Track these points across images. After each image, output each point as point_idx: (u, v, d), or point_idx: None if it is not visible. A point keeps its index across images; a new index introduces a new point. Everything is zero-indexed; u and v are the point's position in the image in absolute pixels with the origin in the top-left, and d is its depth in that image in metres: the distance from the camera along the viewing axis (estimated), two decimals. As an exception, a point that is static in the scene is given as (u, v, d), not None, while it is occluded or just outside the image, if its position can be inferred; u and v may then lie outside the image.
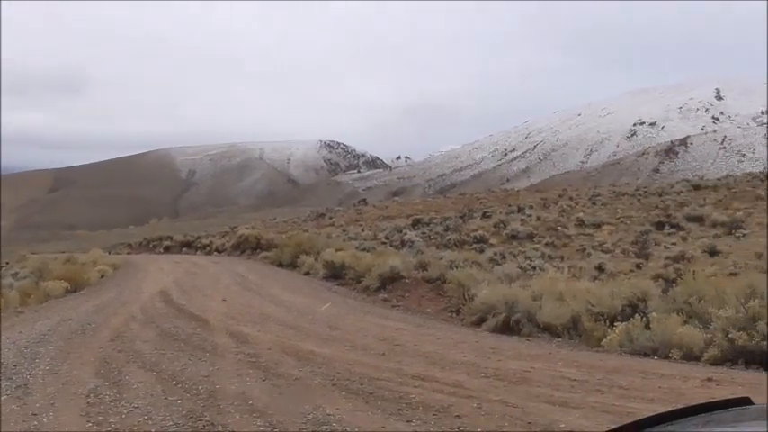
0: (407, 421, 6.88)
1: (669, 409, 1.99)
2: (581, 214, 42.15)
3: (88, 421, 7.06)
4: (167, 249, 47.36)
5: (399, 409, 7.25)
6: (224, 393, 7.98)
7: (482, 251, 30.15)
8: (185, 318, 14.10)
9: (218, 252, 39.41)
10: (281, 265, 27.64)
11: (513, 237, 36.62)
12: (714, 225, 36.27)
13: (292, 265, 26.49)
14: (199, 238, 48.28)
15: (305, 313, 14.95)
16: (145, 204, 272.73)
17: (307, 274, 24.36)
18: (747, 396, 2.02)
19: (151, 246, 52.22)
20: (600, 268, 25.69)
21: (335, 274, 22.26)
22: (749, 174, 69.32)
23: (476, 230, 38.11)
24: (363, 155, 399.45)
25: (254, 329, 12.56)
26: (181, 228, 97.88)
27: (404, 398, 7.68)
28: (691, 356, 10.05)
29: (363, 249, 28.63)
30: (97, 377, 8.91)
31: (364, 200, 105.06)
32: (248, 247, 35.74)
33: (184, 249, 45.60)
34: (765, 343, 9.47)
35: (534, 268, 23.25)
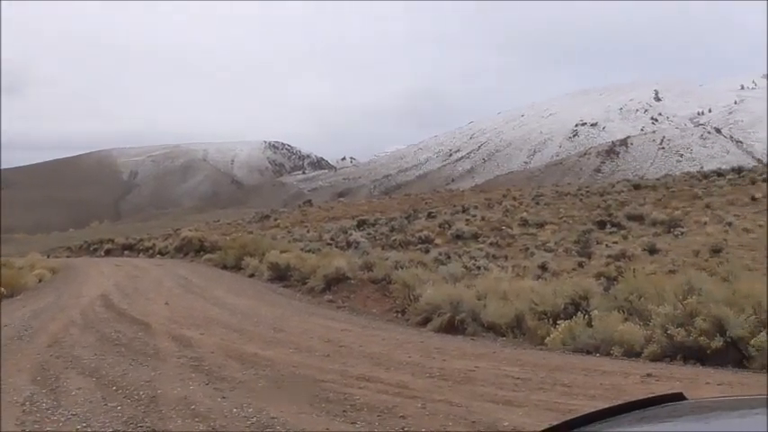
0: (352, 423, 6.86)
1: (606, 406, 2.00)
2: (524, 214, 42.60)
3: (24, 430, 6.88)
4: (108, 252, 46.54)
5: (344, 411, 7.23)
6: (166, 398, 7.85)
7: (427, 251, 30.29)
8: (127, 322, 13.85)
9: (161, 255, 38.87)
10: (225, 267, 27.36)
11: (458, 237, 36.84)
12: (654, 224, 36.96)
13: (237, 268, 26.23)
14: (141, 240, 47.59)
15: (249, 316, 14.82)
16: (85, 206, 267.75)
17: (251, 276, 24.15)
18: (680, 392, 2.05)
19: (92, 249, 51.28)
20: (543, 267, 25.96)
21: (281, 275, 22.12)
22: (687, 173, 71.04)
23: (421, 231, 38.27)
24: (308, 156, 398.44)
25: (198, 333, 12.40)
26: (122, 230, 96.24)
27: (348, 399, 7.66)
28: (631, 353, 10.22)
29: (308, 251, 28.51)
30: (34, 384, 8.70)
31: (309, 201, 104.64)
32: (192, 249, 35.30)
33: (126, 252, 44.88)
34: (703, 338, 9.68)
35: (479, 268, 23.41)
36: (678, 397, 2.02)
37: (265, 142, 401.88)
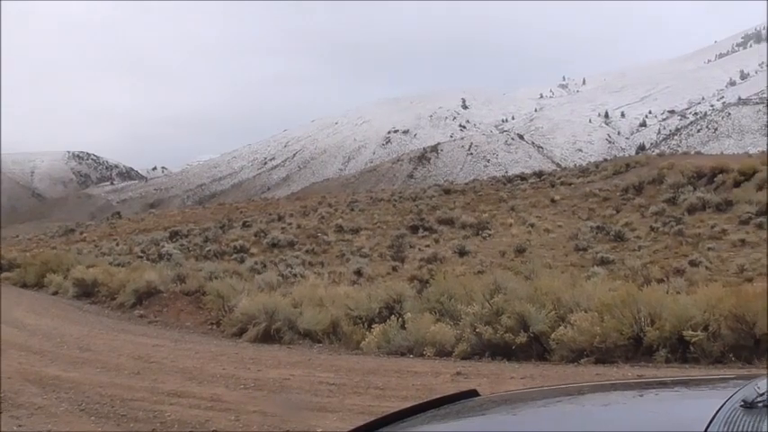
0: (162, 441, 6.61)
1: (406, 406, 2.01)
2: (340, 221, 43.05)
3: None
4: None
5: (153, 429, 6.96)
6: (-47, 432, 7.22)
7: (243, 261, 29.97)
8: None
9: (-49, 275, 35.94)
10: (25, 285, 25.70)
11: (274, 245, 36.67)
12: (463, 227, 38.44)
13: (38, 286, 24.72)
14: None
15: (51, 336, 13.96)
16: None
17: (55, 293, 22.83)
18: (474, 389, 2.10)
19: None
20: (359, 273, 26.37)
21: (87, 292, 21.09)
22: (493, 178, 74.61)
23: (236, 240, 37.79)
24: (116, 166, 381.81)
25: (-8, 358, 11.51)
26: None
27: (159, 417, 7.38)
28: (443, 352, 10.55)
29: (118, 265, 27.40)
30: None
31: (118, 213, 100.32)
32: (-13, 268, 32.91)
33: None
34: (509, 335, 10.15)
35: (295, 275, 23.46)
36: (472, 393, 2.07)
37: (69, 152, 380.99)
